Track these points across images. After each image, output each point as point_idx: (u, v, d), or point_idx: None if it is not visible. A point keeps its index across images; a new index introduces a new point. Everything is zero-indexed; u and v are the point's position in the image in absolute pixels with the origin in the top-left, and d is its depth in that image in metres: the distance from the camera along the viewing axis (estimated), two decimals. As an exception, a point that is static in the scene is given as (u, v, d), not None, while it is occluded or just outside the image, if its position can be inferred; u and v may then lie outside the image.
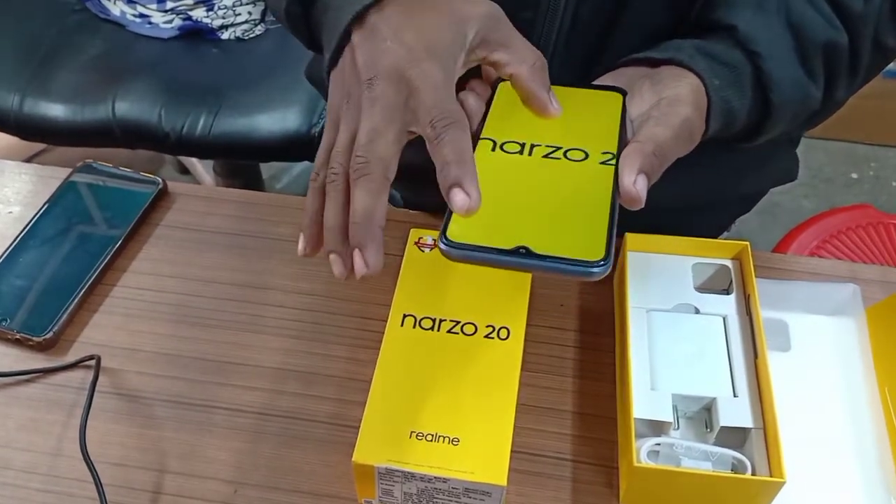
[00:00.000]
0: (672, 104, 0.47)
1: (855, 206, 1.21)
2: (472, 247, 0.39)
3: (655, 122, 0.46)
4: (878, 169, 1.99)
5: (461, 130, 0.41)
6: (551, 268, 0.38)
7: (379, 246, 0.41)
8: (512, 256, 0.38)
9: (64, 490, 0.53)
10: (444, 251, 0.39)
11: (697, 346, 0.55)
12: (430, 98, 0.41)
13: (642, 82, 0.49)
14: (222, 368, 0.59)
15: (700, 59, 0.49)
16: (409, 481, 0.48)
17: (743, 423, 0.51)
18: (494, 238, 0.39)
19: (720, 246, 0.58)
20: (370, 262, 0.41)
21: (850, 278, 0.63)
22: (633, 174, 0.42)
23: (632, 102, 0.48)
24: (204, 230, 0.67)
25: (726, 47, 0.50)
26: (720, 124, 0.50)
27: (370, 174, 0.41)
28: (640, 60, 0.51)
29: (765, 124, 0.53)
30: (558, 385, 0.58)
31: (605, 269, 0.38)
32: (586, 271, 0.38)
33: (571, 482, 0.53)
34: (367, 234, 0.41)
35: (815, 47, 0.52)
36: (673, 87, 0.48)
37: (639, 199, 0.42)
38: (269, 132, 1.20)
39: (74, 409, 0.56)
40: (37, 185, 0.70)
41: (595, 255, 0.38)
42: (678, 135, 0.46)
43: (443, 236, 0.39)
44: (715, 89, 0.49)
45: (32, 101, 1.22)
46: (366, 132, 0.42)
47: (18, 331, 0.59)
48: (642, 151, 0.43)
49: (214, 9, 1.32)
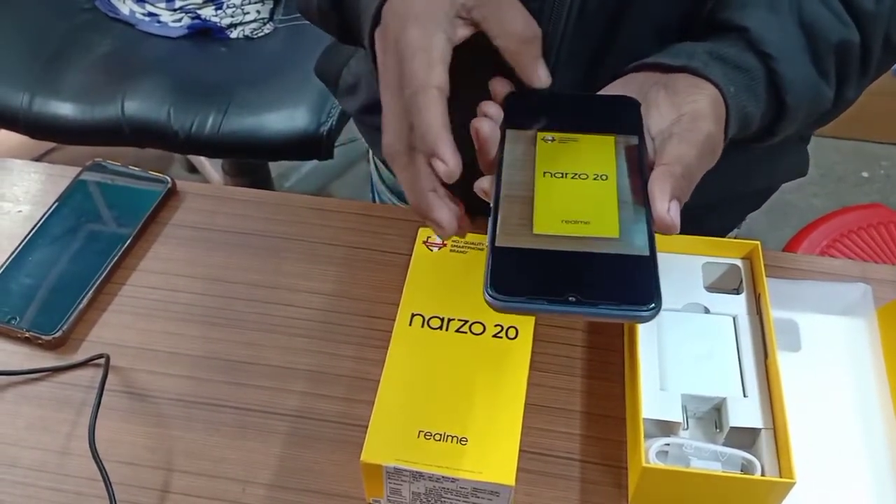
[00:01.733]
0: (694, 120, 0.46)
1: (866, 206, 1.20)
2: (520, 298, 0.37)
3: (679, 140, 0.44)
4: (889, 168, 1.98)
5: (429, 98, 0.42)
6: (601, 314, 0.37)
7: (451, 144, 0.42)
8: (562, 306, 0.37)
9: (73, 489, 0.53)
10: (489, 303, 0.37)
11: (707, 345, 0.54)
12: (407, 66, 0.42)
13: (657, 91, 0.48)
14: (231, 367, 0.59)
15: (714, 65, 0.48)
16: (417, 481, 0.47)
17: (753, 424, 0.50)
18: (541, 287, 0.38)
19: (730, 245, 0.58)
20: (449, 161, 0.41)
21: (861, 278, 0.63)
22: (666, 201, 0.41)
23: (649, 115, 0.47)
24: (213, 229, 0.67)
25: (738, 50, 0.50)
26: (737, 129, 0.49)
27: (394, 153, 0.44)
28: (650, 66, 0.50)
29: (778, 125, 0.53)
30: (567, 385, 0.58)
31: (656, 312, 0.37)
32: (636, 315, 0.37)
33: (580, 482, 0.53)
34: (433, 138, 0.41)
35: (827, 47, 0.51)
36: (692, 100, 0.47)
37: (674, 226, 0.41)
38: (278, 131, 1.20)
39: (83, 407, 0.56)
40: (46, 183, 0.70)
41: (645, 300, 0.37)
42: (703, 152, 0.45)
43: (487, 287, 0.38)
44: (731, 96, 0.48)
45: (42, 100, 1.23)
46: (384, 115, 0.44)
47: (28, 329, 0.59)
48: (672, 175, 0.42)
49: (223, 7, 1.33)
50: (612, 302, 0.37)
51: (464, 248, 0.57)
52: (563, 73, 0.57)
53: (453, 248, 0.57)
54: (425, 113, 0.41)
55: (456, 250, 0.57)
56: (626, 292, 0.37)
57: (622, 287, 0.37)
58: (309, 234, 0.67)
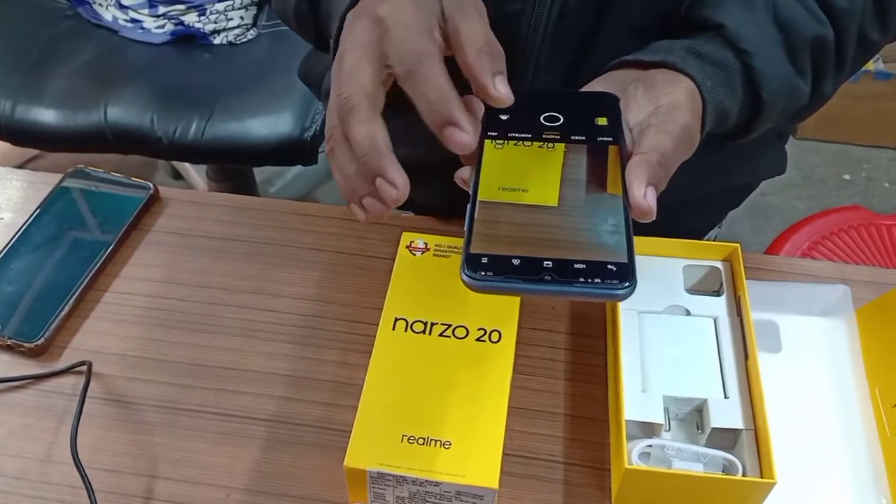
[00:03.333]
0: (671, 111, 0.47)
1: (847, 208, 1.21)
2: (496, 277, 0.38)
3: (657, 131, 0.45)
4: (870, 170, 2.00)
5: (434, 66, 0.41)
6: (577, 292, 0.38)
7: (397, 165, 0.40)
8: (537, 284, 0.37)
9: (55, 496, 0.52)
10: (466, 283, 0.38)
11: (688, 347, 0.55)
12: (397, 34, 0.41)
13: (635, 87, 0.49)
14: (214, 373, 0.58)
15: (692, 61, 0.49)
16: (400, 485, 0.48)
17: (734, 425, 0.51)
18: (518, 265, 0.38)
19: (711, 248, 0.59)
20: (397, 182, 0.40)
21: (840, 279, 0.63)
22: (643, 187, 0.42)
23: (627, 109, 0.47)
24: (195, 235, 0.67)
25: (716, 46, 0.51)
26: (713, 124, 0.50)
27: (355, 105, 0.41)
28: (629, 63, 0.51)
29: (755, 120, 0.53)
30: (550, 388, 0.58)
31: (631, 290, 0.37)
32: (611, 293, 0.37)
33: (563, 484, 0.53)
34: (378, 158, 0.40)
35: (802, 43, 0.52)
36: (668, 92, 0.48)
37: (650, 211, 0.42)
38: (262, 136, 1.20)
39: (66, 415, 0.56)
40: (27, 191, 0.70)
41: (621, 278, 0.37)
42: (680, 142, 0.46)
43: (464, 268, 0.38)
44: (708, 90, 0.49)
45: (24, 107, 1.22)
46: (346, 70, 0.42)
47: (10, 337, 0.59)
48: (648, 162, 0.43)
49: (206, 14, 1.33)
50: (587, 280, 0.37)
51: (446, 252, 0.57)
52: (543, 73, 0.57)
53: (436, 253, 0.58)
54: (440, 79, 0.41)
55: (439, 254, 0.57)
56: (601, 271, 0.37)
57: (598, 266, 0.38)
58: (292, 240, 0.67)
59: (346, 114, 0.41)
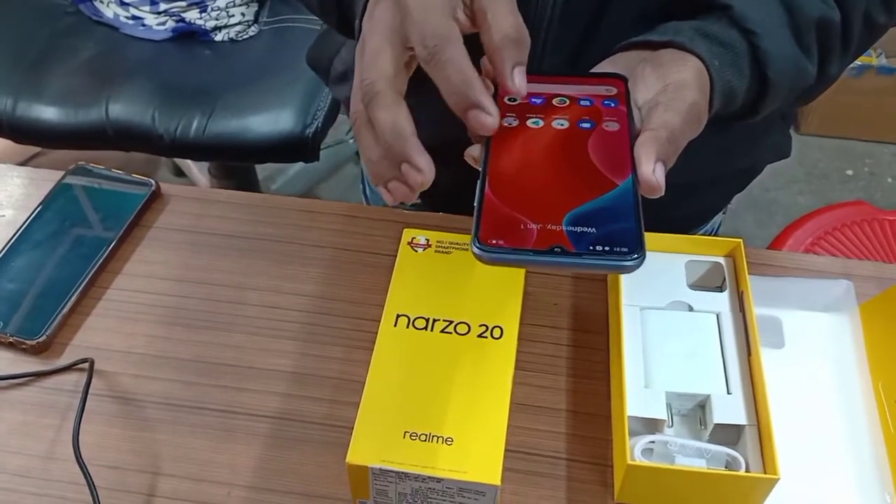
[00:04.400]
0: (679, 89, 0.47)
1: (850, 203, 1.21)
2: (506, 249, 0.38)
3: (665, 108, 0.46)
4: (872, 165, 2.00)
5: (457, 48, 0.41)
6: (586, 264, 0.38)
7: (422, 150, 0.41)
8: (547, 256, 0.38)
9: (58, 493, 0.52)
10: (477, 255, 0.38)
11: (691, 343, 0.55)
12: (419, 16, 0.41)
13: (643, 67, 0.49)
14: (216, 370, 0.58)
15: (700, 41, 0.50)
16: (403, 481, 0.48)
17: (737, 420, 0.51)
18: (527, 238, 0.39)
19: (713, 243, 0.59)
20: (423, 167, 0.41)
21: (843, 274, 0.63)
22: (651, 163, 0.42)
23: (636, 88, 0.48)
24: (197, 232, 0.67)
25: (723, 27, 0.51)
26: (721, 104, 0.50)
27: (379, 92, 0.41)
28: (637, 44, 0.51)
29: (762, 101, 0.54)
30: (552, 384, 0.58)
31: (640, 262, 0.38)
32: (620, 265, 0.38)
33: (566, 481, 0.53)
34: (403, 144, 0.41)
35: (808, 24, 0.52)
36: (676, 71, 0.48)
37: (659, 186, 0.42)
38: (263, 133, 1.20)
39: (68, 412, 0.56)
40: (29, 188, 0.70)
41: (629, 249, 0.38)
42: (688, 119, 0.46)
43: (475, 240, 0.39)
44: (716, 70, 0.49)
45: (25, 105, 1.22)
46: (369, 55, 0.42)
47: (12, 334, 0.59)
48: (657, 139, 0.43)
49: (208, 10, 1.32)
50: (596, 252, 0.38)
51: (448, 249, 0.57)
52: (549, 56, 0.57)
53: (437, 249, 0.57)
54: (464, 63, 0.41)
55: (440, 251, 0.57)
56: (610, 243, 0.38)
57: (607, 238, 0.38)
58: (295, 236, 0.67)
59: (369, 100, 0.42)
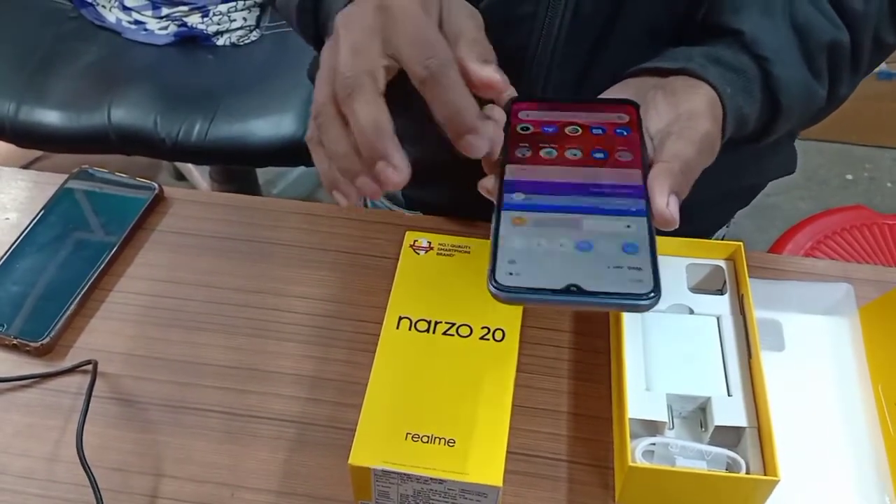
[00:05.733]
0: (691, 118, 0.47)
1: (850, 207, 1.21)
2: (523, 290, 0.38)
3: (677, 138, 0.45)
4: (872, 170, 2.00)
5: (455, 71, 0.40)
6: (602, 304, 0.38)
7: (400, 149, 0.40)
8: (563, 296, 0.38)
9: (61, 495, 0.53)
10: (494, 294, 0.38)
11: (692, 346, 0.55)
12: (411, 28, 0.40)
13: (654, 94, 0.49)
14: (219, 372, 0.59)
15: (712, 67, 0.49)
16: (405, 483, 0.48)
17: (737, 423, 0.51)
18: (543, 278, 0.38)
19: (714, 247, 0.59)
20: (401, 165, 0.40)
21: (843, 278, 0.64)
22: (665, 196, 0.42)
23: (647, 116, 0.47)
24: (200, 235, 0.67)
25: (734, 52, 0.50)
26: (733, 130, 0.50)
27: (361, 85, 0.40)
28: (648, 70, 0.51)
29: (773, 125, 0.54)
30: (553, 386, 0.58)
31: (655, 301, 0.37)
32: (636, 304, 0.38)
33: (567, 483, 0.53)
34: (383, 140, 0.39)
35: (819, 48, 0.52)
36: (688, 99, 0.48)
37: (673, 220, 0.42)
38: (265, 137, 1.21)
39: (72, 414, 0.56)
40: (33, 191, 0.70)
41: (644, 288, 0.38)
42: (701, 149, 0.45)
43: (492, 279, 0.39)
44: (728, 97, 0.48)
45: (28, 109, 1.23)
46: (348, 50, 0.41)
47: (16, 336, 0.59)
48: (670, 171, 0.43)
49: (210, 15, 1.33)
50: (612, 292, 0.37)
51: (450, 251, 0.58)
52: (556, 75, 0.57)
53: (439, 252, 0.58)
54: (462, 88, 0.40)
55: (442, 253, 0.58)
56: (626, 282, 0.38)
57: (622, 277, 0.38)
58: (297, 239, 0.67)
59: (347, 93, 0.40)
